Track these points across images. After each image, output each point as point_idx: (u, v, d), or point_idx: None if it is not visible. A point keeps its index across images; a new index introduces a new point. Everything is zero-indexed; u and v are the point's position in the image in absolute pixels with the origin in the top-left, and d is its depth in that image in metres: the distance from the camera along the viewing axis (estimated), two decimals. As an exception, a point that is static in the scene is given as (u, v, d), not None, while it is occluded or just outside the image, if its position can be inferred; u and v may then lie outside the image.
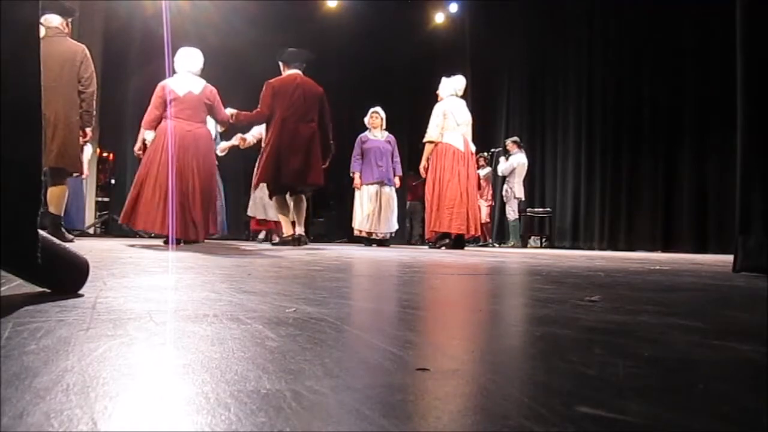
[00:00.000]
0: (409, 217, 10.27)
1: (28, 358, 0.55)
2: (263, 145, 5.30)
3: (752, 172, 2.28)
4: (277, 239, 6.82)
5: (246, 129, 6.32)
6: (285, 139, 5.01)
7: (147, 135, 4.73)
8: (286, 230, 5.22)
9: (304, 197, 5.34)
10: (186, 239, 4.59)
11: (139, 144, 5.01)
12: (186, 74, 4.73)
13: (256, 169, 5.32)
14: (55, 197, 4.42)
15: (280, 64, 5.38)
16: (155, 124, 4.59)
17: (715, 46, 7.23)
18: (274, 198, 5.29)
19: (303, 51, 5.45)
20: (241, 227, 8.79)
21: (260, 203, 6.66)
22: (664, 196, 8.01)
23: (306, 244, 5.30)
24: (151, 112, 4.61)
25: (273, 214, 6.62)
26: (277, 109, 5.05)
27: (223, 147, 6.39)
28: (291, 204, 5.32)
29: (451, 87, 6.10)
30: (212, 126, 5.98)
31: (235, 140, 6.36)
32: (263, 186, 5.66)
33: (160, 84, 4.66)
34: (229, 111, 5.14)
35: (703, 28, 7.50)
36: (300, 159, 5.03)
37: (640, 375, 0.56)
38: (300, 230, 5.25)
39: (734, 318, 1.09)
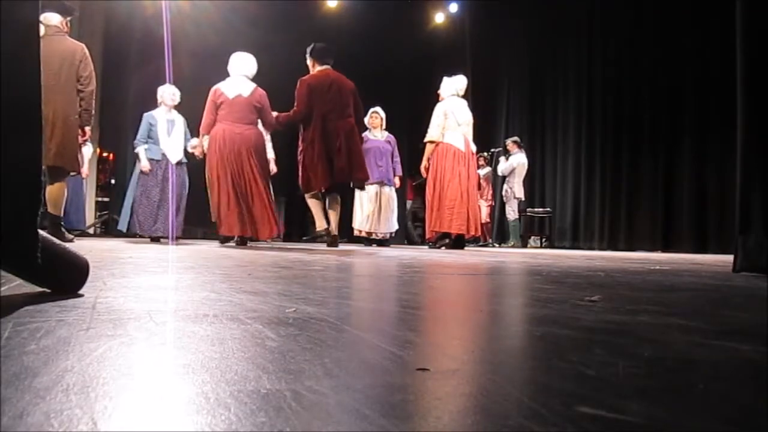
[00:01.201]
0: (412, 217, 10.27)
1: (28, 358, 0.55)
2: (301, 144, 5.14)
3: (752, 172, 2.28)
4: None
5: (286, 131, 6.13)
6: (328, 137, 4.96)
7: (204, 140, 4.85)
8: (320, 224, 5.17)
9: (339, 197, 5.27)
10: (245, 236, 4.68)
11: (199, 148, 5.19)
12: (238, 78, 4.81)
13: (300, 172, 5.12)
14: (54, 196, 4.42)
15: (309, 60, 5.27)
16: (211, 129, 4.70)
17: (715, 45, 7.23)
18: (308, 194, 5.17)
19: (332, 46, 5.39)
20: None
21: None
22: (664, 196, 8.01)
23: (338, 246, 5.22)
24: (206, 117, 4.74)
25: None
26: (314, 107, 4.97)
27: (193, 145, 5.94)
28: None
29: (453, 87, 6.10)
30: (164, 138, 5.98)
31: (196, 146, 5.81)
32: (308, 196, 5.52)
33: (213, 88, 4.75)
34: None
35: (703, 28, 7.50)
36: (344, 156, 5.00)
37: (640, 375, 0.56)
38: (333, 230, 5.21)
39: (734, 318, 1.09)
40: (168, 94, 5.99)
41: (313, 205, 5.21)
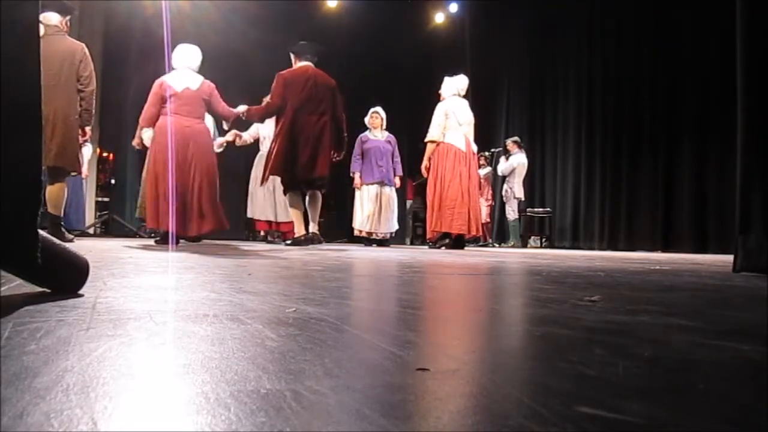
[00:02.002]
0: (413, 217, 10.28)
1: (28, 358, 0.55)
2: (273, 136, 5.22)
3: (752, 172, 2.28)
4: (275, 238, 6.84)
5: (249, 125, 6.26)
6: (296, 131, 4.98)
7: (145, 133, 4.76)
8: (299, 229, 5.15)
9: (319, 194, 5.27)
10: (184, 236, 4.58)
11: (137, 139, 5.14)
12: (184, 70, 4.72)
13: (265, 162, 5.24)
14: (54, 196, 4.42)
15: (291, 56, 5.34)
16: (153, 121, 4.58)
17: (716, 45, 7.23)
18: (287, 194, 5.21)
19: (314, 43, 5.46)
20: (241, 226, 8.78)
21: (264, 203, 6.61)
22: (664, 196, 8.00)
23: (320, 242, 5.24)
24: (148, 109, 4.60)
25: (280, 216, 6.62)
26: (288, 101, 5.01)
27: (219, 143, 6.18)
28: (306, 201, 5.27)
29: (454, 86, 6.10)
30: (210, 123, 6.06)
31: (230, 136, 6.10)
32: (260, 185, 5.68)
33: (158, 81, 4.65)
34: (241, 108, 5.16)
35: (704, 28, 7.50)
36: (309, 151, 4.99)
37: (640, 375, 0.56)
38: (314, 228, 5.21)
39: (734, 318, 1.09)
40: None
41: (293, 209, 5.23)
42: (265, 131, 6.51)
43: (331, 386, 0.48)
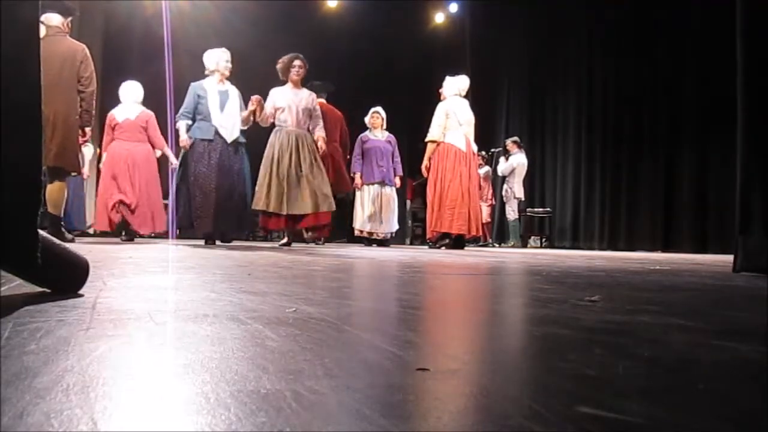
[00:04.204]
0: (412, 217, 10.28)
1: (28, 358, 0.55)
2: None
3: (752, 172, 2.28)
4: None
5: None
6: None
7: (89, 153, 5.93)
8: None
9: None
10: (138, 234, 5.59)
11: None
12: (129, 103, 5.63)
13: None
14: (54, 196, 4.42)
15: None
16: (108, 146, 5.72)
17: (716, 45, 7.22)
18: None
19: (325, 83, 6.56)
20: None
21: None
22: (664, 196, 8.01)
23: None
24: (104, 138, 5.77)
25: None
26: None
27: (244, 117, 5.14)
28: None
29: (455, 86, 6.10)
30: (236, 94, 5.27)
31: (250, 105, 5.07)
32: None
33: (108, 114, 5.72)
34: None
35: (704, 28, 7.50)
36: (332, 173, 5.98)
37: (640, 375, 0.56)
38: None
39: (734, 318, 1.09)
40: (223, 60, 5.12)
41: None
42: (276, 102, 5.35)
43: (331, 386, 0.48)
